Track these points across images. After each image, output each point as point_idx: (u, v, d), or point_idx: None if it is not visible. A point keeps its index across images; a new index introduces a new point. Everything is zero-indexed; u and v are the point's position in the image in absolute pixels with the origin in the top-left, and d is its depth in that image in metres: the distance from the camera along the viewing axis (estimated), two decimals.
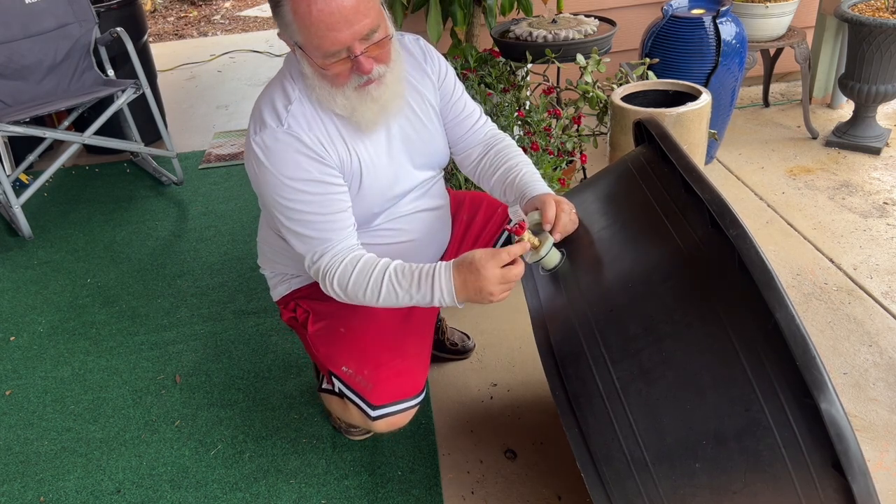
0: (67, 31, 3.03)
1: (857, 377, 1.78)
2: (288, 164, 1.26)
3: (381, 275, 1.27)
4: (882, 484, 1.51)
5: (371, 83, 1.24)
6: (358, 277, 1.28)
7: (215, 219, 2.88)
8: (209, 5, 6.71)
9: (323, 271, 1.31)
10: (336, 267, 1.30)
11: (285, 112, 1.28)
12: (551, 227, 1.24)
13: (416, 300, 1.26)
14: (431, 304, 1.25)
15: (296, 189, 1.27)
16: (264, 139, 1.27)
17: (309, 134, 1.28)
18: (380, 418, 1.39)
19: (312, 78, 1.26)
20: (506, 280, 1.20)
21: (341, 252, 1.31)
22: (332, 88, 1.25)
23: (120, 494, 1.66)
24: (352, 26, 1.15)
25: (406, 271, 1.26)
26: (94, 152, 3.57)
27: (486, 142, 1.55)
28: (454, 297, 1.23)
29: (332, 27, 1.15)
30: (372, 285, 1.27)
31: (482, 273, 1.19)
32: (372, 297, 1.28)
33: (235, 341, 2.14)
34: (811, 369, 0.87)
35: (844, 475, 0.89)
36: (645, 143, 1.35)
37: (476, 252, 1.21)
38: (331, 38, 1.16)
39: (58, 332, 2.26)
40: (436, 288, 1.23)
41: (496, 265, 1.19)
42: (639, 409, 1.00)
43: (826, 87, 3.29)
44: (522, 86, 2.44)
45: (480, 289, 1.20)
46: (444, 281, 1.23)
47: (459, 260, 1.23)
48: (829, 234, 2.37)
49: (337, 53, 1.18)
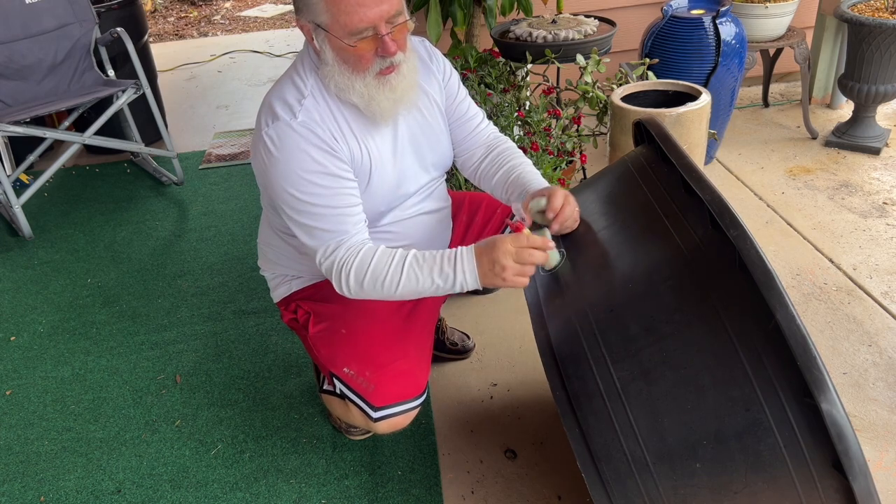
0: (68, 31, 3.03)
1: (856, 377, 1.79)
2: (301, 157, 1.26)
3: (401, 261, 1.26)
4: (882, 484, 1.51)
5: (391, 71, 1.26)
6: (377, 266, 1.27)
7: (215, 219, 2.88)
8: (209, 5, 6.71)
9: (339, 263, 1.29)
10: (353, 258, 1.28)
11: (298, 105, 1.28)
12: (554, 216, 1.24)
13: (438, 283, 1.25)
14: (454, 287, 1.25)
15: (309, 182, 1.27)
16: (277, 132, 1.27)
17: (322, 126, 1.28)
18: (381, 419, 1.39)
19: (333, 64, 1.26)
20: (520, 258, 1.19)
21: (357, 244, 1.30)
22: (353, 74, 1.26)
23: (120, 494, 1.67)
24: (380, 5, 1.18)
25: (427, 256, 1.26)
26: (94, 152, 3.57)
27: (489, 144, 1.56)
28: (476, 275, 1.23)
29: (363, 3, 1.17)
30: (392, 271, 1.26)
31: (497, 245, 1.19)
32: (391, 285, 1.26)
33: (235, 341, 2.14)
34: (812, 369, 0.88)
35: (845, 475, 0.89)
36: (645, 144, 1.35)
37: (496, 236, 1.22)
38: (360, 14, 1.17)
39: (58, 332, 2.26)
40: (458, 268, 1.23)
41: (514, 242, 1.19)
42: (639, 408, 1.00)
43: (826, 87, 3.29)
44: (522, 86, 2.45)
45: (494, 261, 1.19)
46: (468, 261, 1.23)
47: (479, 242, 1.24)
48: (829, 234, 2.37)
49: (363, 31, 1.20)
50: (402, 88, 1.29)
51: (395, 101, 1.30)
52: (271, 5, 6.56)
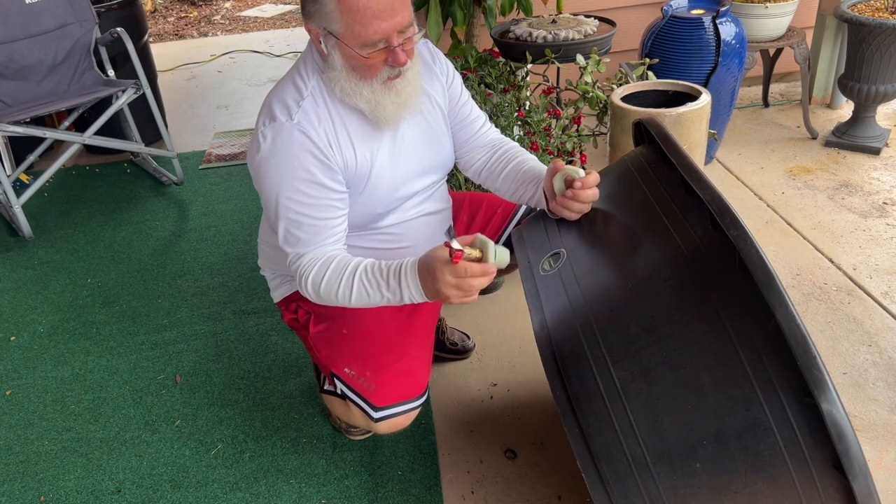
0: (68, 31, 3.03)
1: (856, 377, 1.79)
2: (292, 161, 1.27)
3: (352, 274, 1.26)
4: (882, 484, 1.51)
5: (398, 78, 1.27)
6: (331, 278, 1.28)
7: (215, 219, 2.88)
8: (209, 5, 6.71)
9: (300, 272, 1.32)
10: (312, 268, 1.30)
11: (296, 107, 1.29)
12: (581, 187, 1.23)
13: (388, 298, 1.25)
14: (403, 301, 1.24)
15: (295, 188, 1.28)
16: (272, 132, 1.27)
17: (318, 129, 1.28)
18: (382, 420, 1.39)
19: (341, 70, 1.26)
20: (460, 287, 1.16)
21: (319, 256, 1.31)
22: (360, 81, 1.26)
23: (120, 494, 1.66)
24: (394, 17, 1.18)
25: (375, 270, 1.26)
26: (94, 152, 3.57)
27: (492, 144, 1.57)
28: (423, 294, 1.22)
29: (378, 16, 1.17)
30: (344, 285, 1.27)
31: (437, 276, 1.16)
32: (344, 298, 1.28)
33: (235, 341, 2.14)
34: (812, 369, 0.88)
35: (845, 475, 0.89)
36: (645, 144, 1.35)
37: (436, 255, 1.17)
38: (375, 26, 1.18)
39: (58, 332, 2.26)
40: (403, 286, 1.22)
41: (452, 273, 1.15)
42: (639, 408, 1.00)
43: (826, 87, 3.29)
44: (522, 86, 2.45)
45: (437, 291, 1.18)
46: (412, 279, 1.22)
47: (423, 259, 1.21)
48: (829, 234, 2.37)
49: (376, 43, 1.20)
50: (406, 93, 1.30)
51: (400, 107, 1.31)
52: (271, 5, 6.56)
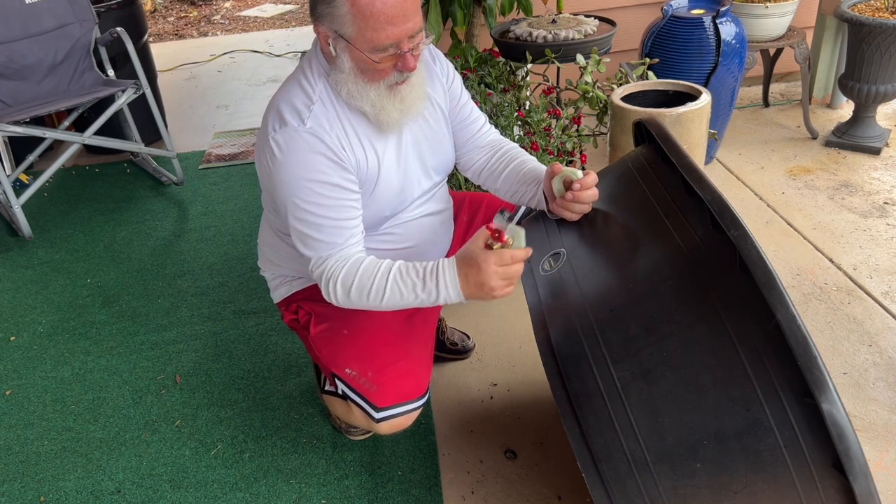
0: (67, 31, 3.03)
1: (856, 377, 1.79)
2: (307, 165, 1.26)
3: (385, 275, 1.26)
4: (882, 484, 1.51)
5: (403, 83, 1.27)
6: (362, 279, 1.27)
7: (215, 219, 2.88)
8: (209, 5, 6.71)
9: (327, 275, 1.30)
10: (340, 270, 1.29)
11: (307, 111, 1.28)
12: (580, 188, 1.26)
13: (422, 299, 1.25)
14: (437, 302, 1.25)
15: (312, 191, 1.27)
16: (284, 137, 1.26)
17: (330, 134, 1.28)
18: (384, 420, 1.39)
19: (349, 73, 1.26)
20: (507, 275, 1.19)
21: (346, 256, 1.30)
22: (367, 85, 1.26)
23: (120, 494, 1.66)
24: (406, 23, 1.19)
25: (410, 270, 1.26)
26: (94, 152, 3.57)
27: (492, 145, 1.57)
28: (460, 292, 1.22)
29: (391, 21, 1.17)
30: (376, 286, 1.26)
31: (482, 266, 1.18)
32: (376, 299, 1.27)
33: (235, 341, 2.14)
34: (812, 369, 0.87)
35: (845, 475, 0.89)
36: (645, 144, 1.35)
37: (475, 247, 1.20)
38: (387, 31, 1.18)
39: (58, 332, 2.26)
40: (440, 285, 1.23)
41: (498, 260, 1.18)
42: (639, 408, 1.00)
43: (826, 87, 3.29)
44: (522, 86, 2.44)
45: (482, 283, 1.19)
46: (450, 277, 1.22)
47: (461, 254, 1.23)
48: (829, 234, 2.37)
49: (387, 48, 1.21)
50: (410, 99, 1.30)
51: (403, 113, 1.31)
52: (271, 5, 6.56)
